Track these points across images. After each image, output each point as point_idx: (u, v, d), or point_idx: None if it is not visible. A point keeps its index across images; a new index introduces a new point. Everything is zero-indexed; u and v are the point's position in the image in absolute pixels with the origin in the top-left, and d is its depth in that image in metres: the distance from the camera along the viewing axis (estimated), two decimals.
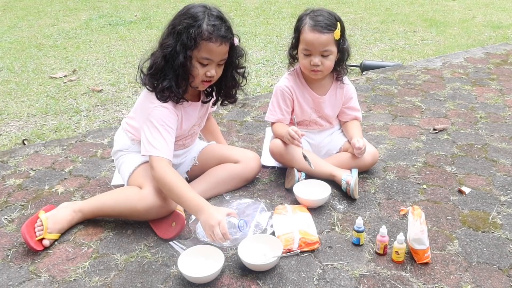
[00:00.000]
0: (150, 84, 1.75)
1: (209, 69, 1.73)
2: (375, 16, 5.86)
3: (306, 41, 1.94)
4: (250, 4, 6.64)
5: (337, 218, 1.87)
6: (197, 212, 1.64)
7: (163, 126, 1.73)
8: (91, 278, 1.58)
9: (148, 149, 1.73)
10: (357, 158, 2.08)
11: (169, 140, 1.75)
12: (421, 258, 1.61)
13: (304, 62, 1.99)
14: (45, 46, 4.71)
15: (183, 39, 1.65)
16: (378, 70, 3.64)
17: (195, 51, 1.68)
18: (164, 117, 1.74)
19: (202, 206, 1.63)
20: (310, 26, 1.92)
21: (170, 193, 1.70)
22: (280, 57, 4.18)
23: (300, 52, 1.99)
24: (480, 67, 3.70)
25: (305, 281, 1.55)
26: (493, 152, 2.38)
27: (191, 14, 1.67)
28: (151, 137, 1.73)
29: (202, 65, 1.71)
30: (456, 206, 1.95)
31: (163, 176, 1.68)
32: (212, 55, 1.70)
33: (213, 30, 1.66)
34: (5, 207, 1.98)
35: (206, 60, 1.70)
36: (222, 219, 1.57)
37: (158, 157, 1.71)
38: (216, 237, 1.56)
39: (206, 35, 1.66)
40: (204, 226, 1.60)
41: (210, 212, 1.60)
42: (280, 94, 2.09)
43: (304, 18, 1.97)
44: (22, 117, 3.02)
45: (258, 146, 2.47)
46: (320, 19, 1.92)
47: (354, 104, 2.20)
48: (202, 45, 1.67)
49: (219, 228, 1.55)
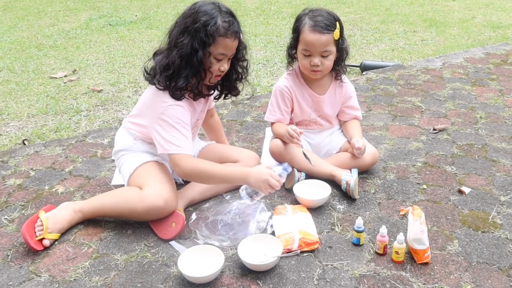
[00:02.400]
0: (163, 83, 1.75)
1: (222, 64, 1.78)
2: (375, 16, 5.86)
3: (306, 41, 1.94)
4: (250, 4, 6.64)
5: (337, 218, 1.87)
6: (245, 179, 1.74)
7: (179, 124, 1.75)
8: (91, 278, 1.58)
9: (167, 147, 1.74)
10: (357, 158, 2.08)
11: (189, 136, 1.79)
12: (421, 258, 1.61)
13: (304, 63, 1.99)
14: (45, 46, 4.71)
15: (201, 36, 1.68)
16: (378, 70, 3.64)
17: (212, 47, 1.72)
18: (180, 115, 1.76)
19: (246, 172, 1.76)
20: (310, 26, 1.92)
21: (210, 179, 1.79)
22: (280, 57, 4.18)
23: (300, 52, 1.99)
24: (480, 67, 3.71)
25: (305, 281, 1.55)
26: (493, 152, 2.38)
27: (205, 12, 1.70)
28: (168, 135, 1.74)
29: (217, 60, 1.76)
30: (456, 206, 1.95)
31: (195, 170, 1.75)
32: (227, 50, 1.75)
33: (228, 26, 1.71)
34: (5, 207, 1.98)
35: (221, 55, 1.75)
36: (269, 171, 1.71)
37: (182, 154, 1.74)
38: (273, 185, 1.68)
39: (222, 31, 1.70)
40: (258, 184, 1.70)
41: (257, 171, 1.73)
42: (279, 94, 2.10)
43: (303, 18, 1.96)
44: (22, 117, 3.02)
45: (258, 146, 2.47)
46: (320, 20, 1.92)
47: (353, 103, 2.21)
48: (219, 41, 1.71)
49: (272, 178, 1.68)
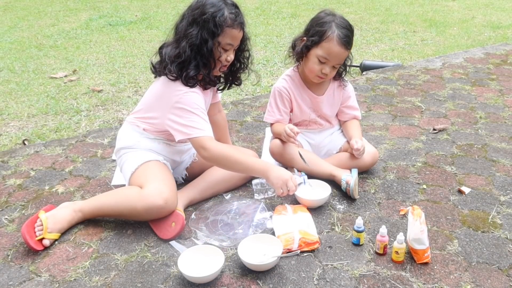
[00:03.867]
0: (176, 73, 1.78)
1: (229, 54, 1.83)
2: (375, 16, 5.86)
3: (330, 51, 1.91)
4: (250, 4, 6.64)
5: (337, 218, 1.88)
6: (266, 172, 1.78)
7: (198, 109, 1.78)
8: (92, 278, 1.58)
9: (189, 131, 1.76)
10: (357, 158, 2.08)
11: (208, 120, 1.82)
12: (421, 258, 1.61)
13: (315, 68, 1.97)
14: (45, 46, 4.71)
15: (209, 26, 1.73)
16: (378, 70, 3.65)
17: (220, 37, 1.76)
18: (196, 100, 1.79)
19: (268, 166, 1.81)
20: (338, 38, 1.89)
21: (234, 165, 1.82)
22: (280, 57, 4.18)
23: (315, 56, 1.95)
24: (479, 67, 3.71)
25: (305, 281, 1.55)
26: (493, 152, 2.38)
27: (212, 4, 1.75)
28: (187, 121, 1.76)
29: (224, 50, 1.80)
30: (456, 206, 1.95)
31: (222, 153, 1.78)
32: (234, 40, 1.81)
33: (235, 17, 1.77)
34: (6, 207, 1.98)
35: (228, 45, 1.80)
36: (292, 174, 1.79)
37: (207, 136, 1.77)
38: (290, 189, 1.75)
39: (230, 22, 1.75)
40: (277, 182, 1.75)
41: (280, 170, 1.80)
42: (277, 95, 2.09)
43: (330, 25, 1.91)
44: (22, 117, 3.03)
45: (258, 146, 2.47)
46: (347, 34, 1.91)
47: (352, 103, 2.21)
48: (227, 31, 1.76)
49: (291, 181, 1.75)
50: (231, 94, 3.33)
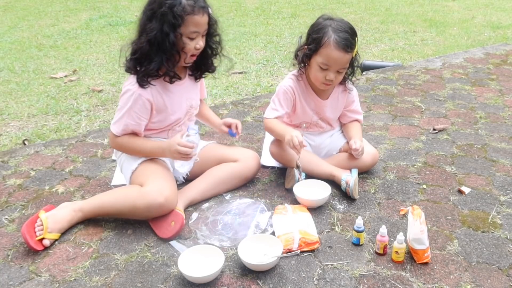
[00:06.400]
0: (133, 68, 1.82)
1: (198, 42, 1.79)
2: (375, 16, 5.86)
3: (329, 57, 1.88)
4: (250, 4, 6.64)
5: (337, 218, 1.88)
6: (163, 153, 1.84)
7: (124, 108, 1.83)
8: (92, 278, 1.58)
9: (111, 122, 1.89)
10: (356, 159, 2.08)
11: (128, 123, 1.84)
12: (420, 258, 1.61)
13: (319, 76, 1.94)
14: (45, 46, 4.71)
15: (169, 19, 1.70)
16: (378, 70, 3.65)
17: (183, 27, 1.73)
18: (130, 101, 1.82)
19: (163, 146, 1.83)
20: (335, 43, 1.86)
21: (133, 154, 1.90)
22: (280, 57, 4.19)
23: (317, 64, 1.92)
24: (479, 67, 3.71)
25: (305, 281, 1.55)
26: (493, 152, 2.38)
27: None
28: (116, 113, 1.87)
29: (191, 39, 1.77)
30: (456, 206, 1.95)
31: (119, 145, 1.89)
32: (198, 27, 1.77)
33: (194, 3, 1.73)
34: (6, 207, 1.98)
35: (194, 33, 1.76)
36: (175, 139, 1.78)
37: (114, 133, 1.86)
38: (185, 153, 1.77)
39: (189, 9, 1.71)
40: (173, 156, 1.80)
41: (168, 143, 1.81)
42: (282, 93, 2.07)
43: (326, 30, 1.88)
44: (22, 117, 3.03)
45: (258, 146, 2.47)
46: (345, 37, 1.86)
47: (355, 107, 2.20)
48: (188, 19, 1.72)
49: (180, 146, 1.76)
50: (231, 94, 3.33)
